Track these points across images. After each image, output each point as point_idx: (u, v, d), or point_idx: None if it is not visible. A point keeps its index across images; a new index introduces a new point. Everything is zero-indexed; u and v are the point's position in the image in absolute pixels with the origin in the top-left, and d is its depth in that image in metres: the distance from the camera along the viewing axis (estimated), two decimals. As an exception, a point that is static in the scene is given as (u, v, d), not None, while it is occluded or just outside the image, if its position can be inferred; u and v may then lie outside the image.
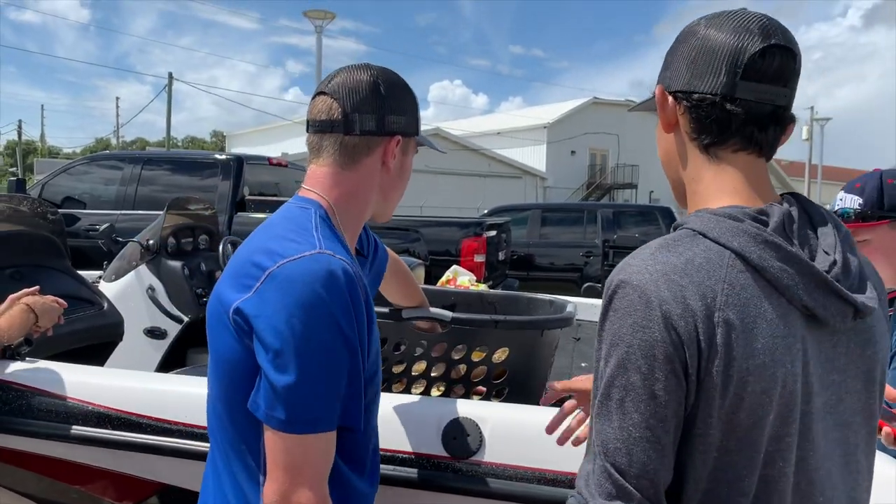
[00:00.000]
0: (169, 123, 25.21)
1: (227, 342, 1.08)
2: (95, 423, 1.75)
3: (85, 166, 7.20)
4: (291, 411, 1.01)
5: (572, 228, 9.88)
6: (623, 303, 0.82)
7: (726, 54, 0.87)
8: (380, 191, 1.25)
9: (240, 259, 1.11)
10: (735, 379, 0.80)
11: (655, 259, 0.84)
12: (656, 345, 0.79)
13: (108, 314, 2.69)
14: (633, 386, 0.81)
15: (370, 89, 1.18)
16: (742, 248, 0.83)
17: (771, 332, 0.81)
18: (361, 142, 1.19)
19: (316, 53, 14.05)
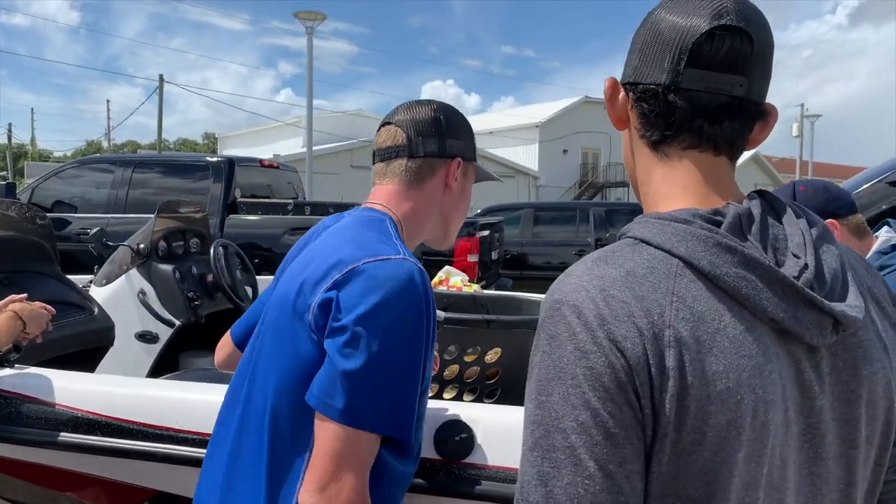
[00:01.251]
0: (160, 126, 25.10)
1: (303, 344, 1.09)
2: (85, 430, 1.74)
3: (75, 170, 7.17)
4: (352, 401, 1.02)
5: (565, 227, 9.90)
6: (559, 327, 0.69)
7: (673, 39, 0.76)
8: (440, 213, 1.32)
9: (319, 257, 1.13)
10: (693, 409, 0.66)
11: (592, 273, 0.71)
12: (604, 372, 0.66)
13: (98, 319, 2.67)
14: (584, 427, 0.65)
15: (431, 117, 1.29)
16: (689, 253, 0.70)
17: (735, 351, 0.68)
18: (425, 164, 1.28)
19: (307, 54, 14.01)
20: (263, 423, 1.13)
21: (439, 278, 3.06)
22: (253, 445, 1.14)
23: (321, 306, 1.06)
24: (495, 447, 1.51)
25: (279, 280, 1.26)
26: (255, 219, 6.30)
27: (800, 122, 31.50)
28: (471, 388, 1.79)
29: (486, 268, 6.66)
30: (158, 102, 24.84)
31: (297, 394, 1.08)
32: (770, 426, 0.69)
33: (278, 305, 1.16)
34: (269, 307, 1.21)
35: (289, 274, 1.19)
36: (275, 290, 1.24)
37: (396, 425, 1.06)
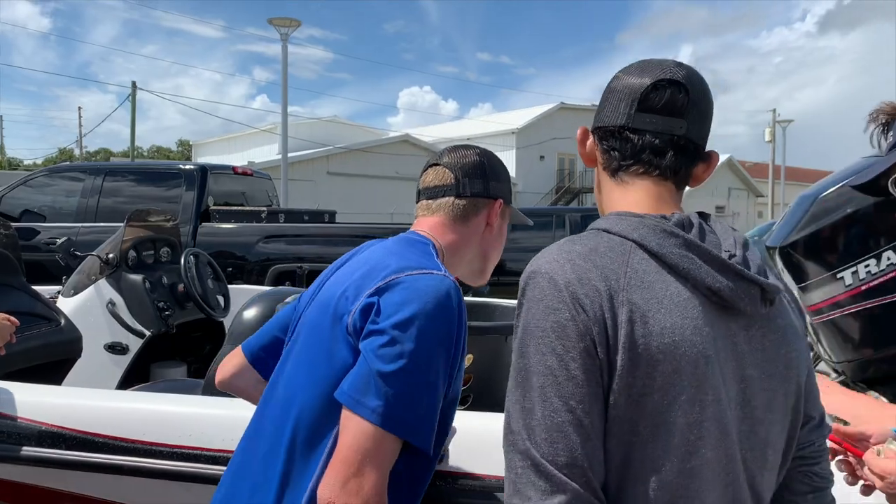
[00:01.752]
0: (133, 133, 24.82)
1: (337, 347, 1.14)
2: (50, 444, 1.70)
3: (45, 178, 7.06)
4: (383, 401, 1.05)
5: (542, 233, 9.94)
6: (534, 291, 0.87)
7: (627, 92, 0.98)
8: (480, 249, 1.40)
9: (365, 269, 1.20)
10: (643, 358, 0.82)
11: (561, 249, 0.90)
12: (567, 325, 0.82)
13: (65, 330, 2.62)
14: (550, 370, 0.82)
15: (477, 160, 1.39)
16: (642, 237, 0.89)
17: (679, 312, 0.85)
18: (470, 203, 1.36)
19: (282, 61, 13.95)
20: (288, 418, 1.16)
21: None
22: (275, 439, 1.18)
23: (362, 310, 1.12)
24: (468, 454, 1.51)
25: (320, 288, 1.30)
26: (229, 227, 6.24)
27: (772, 128, 32.01)
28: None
29: (463, 274, 6.66)
30: (131, 110, 24.56)
31: (324, 393, 1.13)
32: (709, 377, 0.85)
33: (319, 307, 1.22)
34: (310, 309, 1.26)
35: (333, 282, 1.25)
36: (316, 296, 1.28)
37: (418, 432, 1.10)
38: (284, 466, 1.15)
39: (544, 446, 0.80)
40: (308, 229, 6.44)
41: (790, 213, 2.56)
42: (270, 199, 7.82)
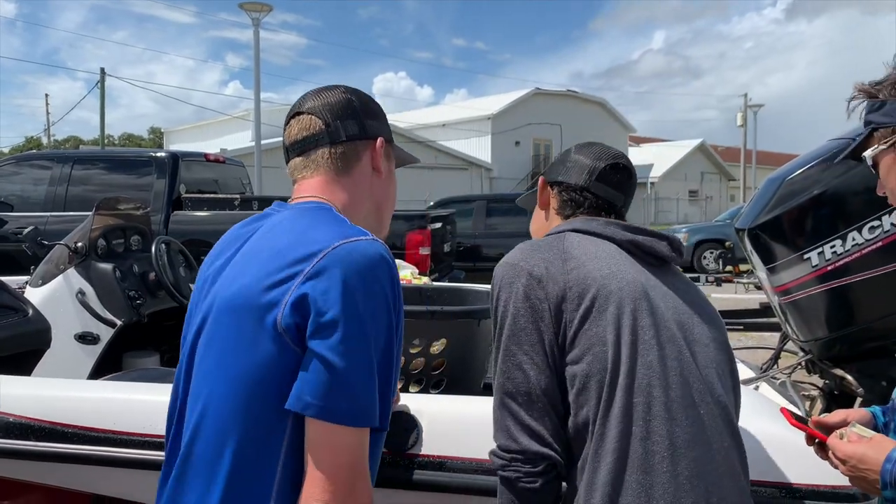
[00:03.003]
0: (103, 121, 24.32)
1: (257, 344, 0.98)
2: (19, 436, 1.68)
3: (12, 167, 6.91)
4: (359, 401, 0.95)
5: (517, 218, 9.97)
6: (504, 277, 1.24)
7: (588, 165, 1.39)
8: (372, 200, 1.23)
9: (270, 253, 1.03)
10: (588, 292, 1.17)
11: (518, 249, 1.28)
12: (528, 288, 1.19)
13: (32, 321, 2.58)
14: (522, 327, 1.18)
15: (344, 99, 1.21)
16: (571, 226, 1.32)
17: (611, 260, 1.23)
18: (349, 148, 1.19)
19: (254, 46, 13.75)
20: (223, 439, 1.00)
21: (388, 271, 3.05)
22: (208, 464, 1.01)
23: (294, 304, 0.96)
24: (442, 438, 1.52)
25: (211, 286, 1.12)
26: (202, 215, 6.17)
27: (743, 112, 32.35)
28: (416, 380, 1.79)
29: (439, 260, 6.67)
30: (100, 97, 24.07)
31: (256, 405, 0.98)
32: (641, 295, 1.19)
33: (226, 312, 1.04)
34: (210, 318, 1.07)
35: (232, 276, 1.06)
36: (213, 290, 1.10)
37: (385, 416, 1.02)
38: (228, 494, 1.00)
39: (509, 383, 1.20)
40: (282, 217, 6.37)
41: (758, 196, 2.60)
42: (244, 186, 7.74)
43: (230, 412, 1.00)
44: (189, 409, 1.07)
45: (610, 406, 1.12)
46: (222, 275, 1.10)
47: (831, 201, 2.33)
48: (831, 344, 2.44)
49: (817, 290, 2.35)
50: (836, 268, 2.30)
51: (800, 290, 2.40)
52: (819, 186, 2.36)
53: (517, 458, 1.14)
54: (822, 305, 2.37)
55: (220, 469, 1.00)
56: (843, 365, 2.45)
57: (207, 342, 1.06)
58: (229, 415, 1.00)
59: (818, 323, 2.43)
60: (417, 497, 1.51)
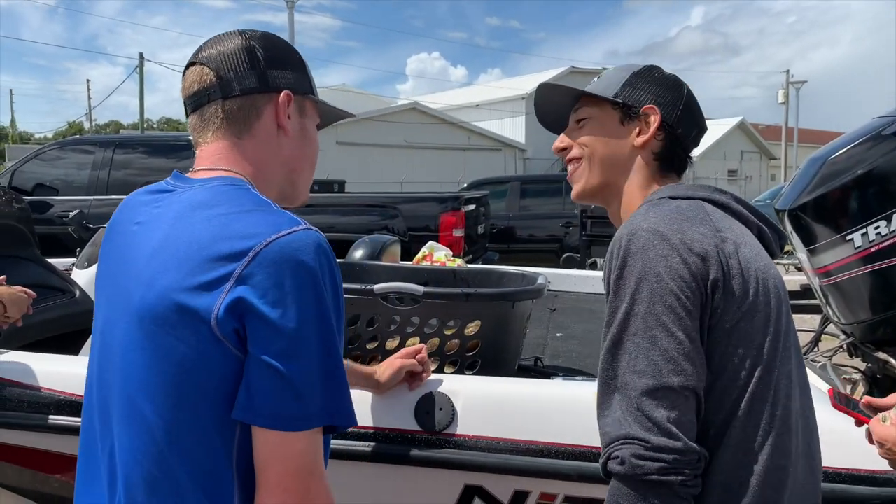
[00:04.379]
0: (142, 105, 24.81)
1: (197, 348, 0.88)
2: (70, 412, 1.75)
3: (56, 151, 7.09)
4: (308, 403, 0.87)
5: (551, 200, 9.91)
6: (640, 243, 0.97)
7: (700, 117, 1.19)
8: (283, 162, 1.08)
9: (194, 248, 0.90)
10: (754, 279, 0.99)
11: (651, 212, 1.02)
12: (681, 267, 0.95)
13: (80, 302, 2.67)
14: (671, 307, 0.93)
15: (244, 47, 1.05)
16: (707, 195, 1.10)
17: (755, 250, 1.04)
18: (246, 102, 1.04)
19: (288, 29, 13.82)
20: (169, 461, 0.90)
21: (423, 253, 3.07)
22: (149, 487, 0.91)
23: (229, 308, 0.86)
24: (476, 418, 1.53)
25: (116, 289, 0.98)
26: (240, 197, 6.25)
27: (785, 89, 31.50)
28: (451, 361, 1.81)
29: (473, 242, 6.67)
30: (139, 81, 24.50)
31: (208, 411, 0.89)
32: (783, 298, 1.04)
33: (150, 320, 0.90)
34: (119, 320, 0.95)
35: (145, 277, 0.92)
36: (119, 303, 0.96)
37: (343, 411, 0.92)
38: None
39: (673, 376, 0.92)
40: (318, 199, 6.45)
41: (800, 176, 2.54)
42: (280, 168, 7.81)
43: (171, 428, 0.89)
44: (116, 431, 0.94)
45: (749, 414, 0.97)
46: (135, 270, 0.95)
47: (876, 181, 2.28)
48: (874, 327, 2.39)
49: (860, 272, 2.31)
50: (881, 249, 2.25)
51: (842, 272, 2.35)
52: (864, 166, 2.30)
53: (681, 460, 0.90)
54: (864, 287, 2.32)
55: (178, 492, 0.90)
56: (886, 348, 2.40)
57: (127, 352, 0.93)
58: (172, 431, 0.89)
59: (861, 305, 2.38)
60: (452, 476, 1.53)
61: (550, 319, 2.85)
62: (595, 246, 7.84)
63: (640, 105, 1.16)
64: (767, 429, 0.97)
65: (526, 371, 2.08)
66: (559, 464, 1.46)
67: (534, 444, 1.48)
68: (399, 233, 5.89)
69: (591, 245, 8.08)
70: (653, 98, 1.16)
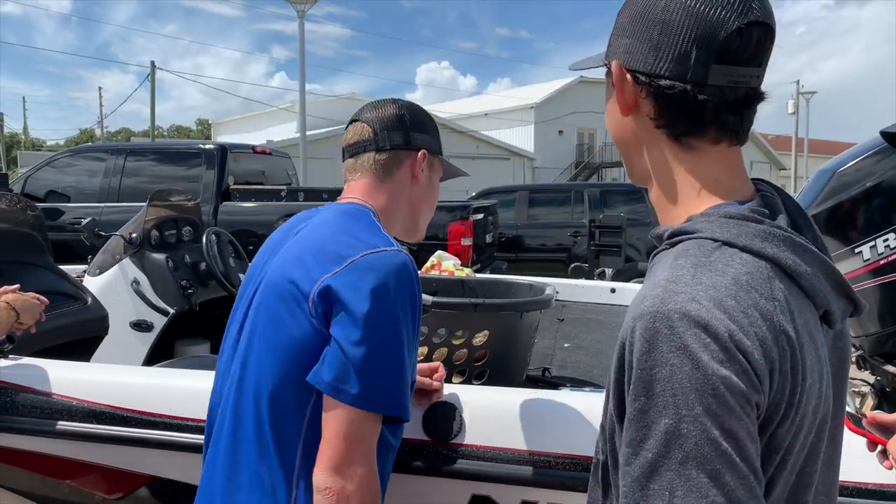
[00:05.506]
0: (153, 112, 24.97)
1: (298, 322, 1.14)
2: (82, 419, 1.76)
3: (68, 159, 7.15)
4: (365, 385, 1.09)
5: (560, 209, 9.89)
6: (687, 339, 0.66)
7: (697, 32, 0.74)
8: (409, 204, 1.38)
9: (315, 246, 1.20)
10: (795, 406, 0.70)
11: (702, 282, 0.70)
12: (741, 380, 0.66)
13: (92, 309, 2.69)
14: (733, 432, 0.65)
15: (395, 113, 1.36)
16: (776, 254, 0.73)
17: (813, 344, 0.73)
18: (392, 156, 1.35)
19: (299, 38, 13.91)
20: (259, 404, 1.17)
21: (431, 262, 3.08)
22: (246, 426, 1.19)
23: (322, 294, 1.12)
24: (484, 428, 1.54)
25: (262, 269, 1.29)
26: (249, 206, 6.30)
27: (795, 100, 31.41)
28: (459, 370, 1.81)
29: (481, 251, 6.67)
30: (151, 89, 24.68)
31: (292, 374, 1.14)
32: (830, 408, 0.76)
33: (271, 293, 1.20)
34: (258, 295, 1.24)
35: (279, 263, 1.23)
36: (261, 276, 1.27)
37: (399, 406, 1.14)
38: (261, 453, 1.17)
39: None
40: (327, 207, 6.47)
41: (808, 188, 2.54)
42: (290, 177, 7.86)
43: (269, 375, 1.16)
44: (235, 370, 1.23)
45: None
46: (274, 259, 1.26)
47: (885, 193, 2.27)
48: (883, 340, 2.38)
49: (869, 285, 2.30)
50: (889, 262, 2.24)
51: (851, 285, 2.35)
52: (872, 178, 2.30)
53: None
54: (873, 300, 2.32)
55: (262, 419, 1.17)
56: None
57: (255, 314, 1.23)
58: (268, 377, 1.17)
59: (870, 318, 2.37)
60: (460, 486, 1.54)
61: (558, 330, 2.85)
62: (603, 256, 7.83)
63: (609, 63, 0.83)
64: None
65: (534, 381, 2.09)
66: (566, 474, 1.47)
67: (541, 454, 1.49)
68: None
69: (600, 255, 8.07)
70: (623, 47, 0.81)
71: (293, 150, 13.45)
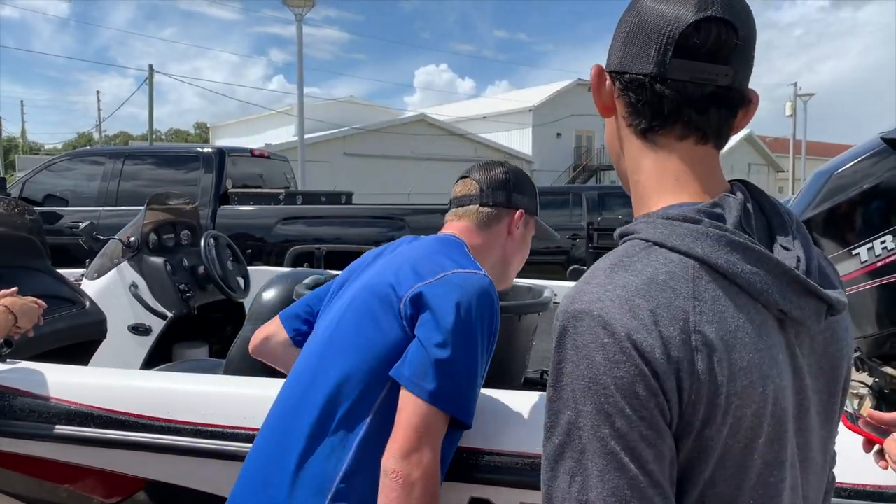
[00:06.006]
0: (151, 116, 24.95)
1: (390, 326, 1.29)
2: (79, 423, 1.76)
3: (66, 162, 7.15)
4: (440, 385, 1.20)
5: (558, 211, 9.90)
6: (586, 338, 0.69)
7: (658, 29, 0.77)
8: (502, 254, 1.55)
9: (415, 259, 1.36)
10: (722, 405, 0.69)
11: (613, 282, 0.71)
12: (635, 381, 0.66)
13: (90, 313, 2.69)
14: (621, 432, 0.66)
15: (502, 173, 1.55)
16: (707, 254, 0.72)
17: (753, 345, 0.71)
18: (493, 211, 1.53)
19: (297, 42, 13.93)
20: (340, 389, 1.28)
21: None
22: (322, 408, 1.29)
23: (413, 300, 1.27)
24: (482, 431, 1.54)
25: (359, 275, 1.47)
26: (248, 209, 6.30)
27: (793, 102, 31.45)
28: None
29: (479, 253, 6.66)
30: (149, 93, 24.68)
31: (374, 365, 1.28)
32: (787, 409, 0.74)
33: (369, 291, 1.36)
34: (354, 293, 1.40)
35: (379, 270, 1.40)
36: (358, 280, 1.45)
37: (466, 410, 1.26)
38: (318, 428, 1.27)
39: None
40: (325, 210, 6.48)
41: (805, 190, 2.54)
42: (288, 180, 7.86)
43: (356, 364, 1.29)
44: (329, 359, 1.34)
45: None
46: (371, 269, 1.44)
47: (883, 195, 2.27)
48: (881, 341, 2.38)
49: (866, 287, 2.30)
50: (887, 264, 2.25)
51: (848, 287, 2.35)
52: (870, 180, 2.30)
53: None
54: (871, 302, 2.32)
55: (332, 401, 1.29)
56: (894, 363, 2.39)
57: (350, 312, 1.37)
58: (355, 365, 1.30)
59: (867, 320, 2.38)
60: (458, 489, 1.53)
61: (556, 332, 2.85)
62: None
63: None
64: None
65: (532, 384, 2.09)
66: (565, 477, 1.46)
67: (539, 457, 1.48)
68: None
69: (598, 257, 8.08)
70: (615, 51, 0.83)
71: (291, 153, 13.47)
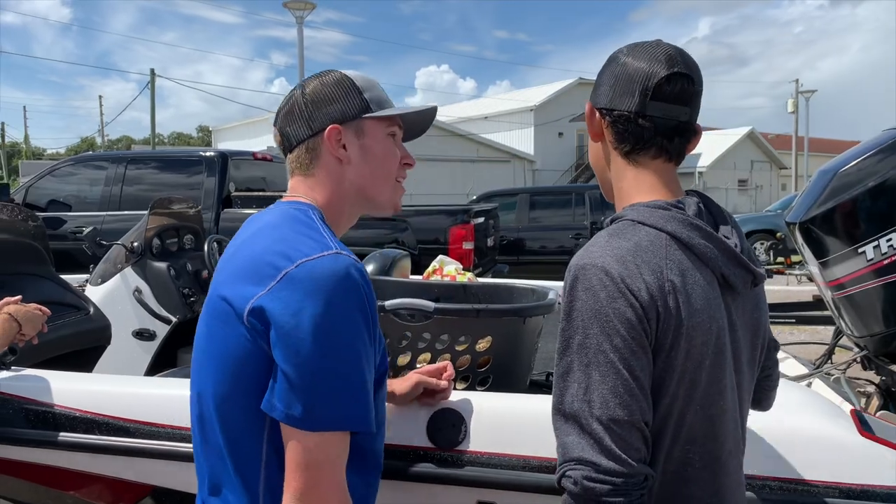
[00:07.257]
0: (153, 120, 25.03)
1: (235, 340, 1.05)
2: (84, 430, 1.76)
3: (69, 168, 7.16)
4: (310, 408, 1.00)
5: (561, 211, 9.91)
6: (593, 281, 1.00)
7: (640, 79, 1.09)
8: (352, 186, 1.22)
9: (248, 259, 1.09)
10: (683, 334, 1.00)
11: (611, 245, 1.03)
12: (627, 311, 0.98)
13: (94, 318, 2.69)
14: (617, 347, 0.97)
15: (295, 101, 1.23)
16: (674, 230, 1.05)
17: (705, 294, 1.03)
18: (301, 151, 1.22)
19: (298, 45, 13.94)
20: (212, 417, 1.12)
21: (433, 267, 3.07)
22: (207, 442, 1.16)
23: (255, 313, 1.03)
24: (488, 434, 1.53)
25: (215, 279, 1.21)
26: (251, 212, 6.30)
27: (795, 98, 31.41)
28: (463, 377, 1.81)
29: (482, 254, 6.67)
30: (151, 97, 24.74)
31: (236, 389, 1.07)
32: (726, 343, 1.06)
33: (209, 307, 1.12)
34: (204, 307, 1.17)
35: (218, 278, 1.14)
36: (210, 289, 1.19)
37: (358, 419, 1.04)
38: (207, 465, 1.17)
39: (618, 410, 0.96)
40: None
41: (810, 188, 2.53)
42: (290, 183, 7.86)
43: (213, 388, 1.11)
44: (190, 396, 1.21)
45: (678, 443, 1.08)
46: (219, 266, 1.18)
47: (888, 193, 2.26)
48: (888, 340, 2.37)
49: (873, 285, 2.29)
50: (893, 261, 2.23)
51: (854, 285, 2.33)
52: (875, 178, 2.29)
53: (629, 482, 0.97)
54: (878, 300, 2.31)
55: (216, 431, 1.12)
56: (900, 361, 2.38)
57: (199, 334, 1.17)
58: (213, 389, 1.11)
59: (874, 318, 2.36)
60: (464, 493, 1.53)
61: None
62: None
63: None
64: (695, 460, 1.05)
65: (538, 386, 2.08)
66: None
67: (546, 460, 1.48)
68: (409, 246, 5.91)
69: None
70: (595, 94, 1.17)
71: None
